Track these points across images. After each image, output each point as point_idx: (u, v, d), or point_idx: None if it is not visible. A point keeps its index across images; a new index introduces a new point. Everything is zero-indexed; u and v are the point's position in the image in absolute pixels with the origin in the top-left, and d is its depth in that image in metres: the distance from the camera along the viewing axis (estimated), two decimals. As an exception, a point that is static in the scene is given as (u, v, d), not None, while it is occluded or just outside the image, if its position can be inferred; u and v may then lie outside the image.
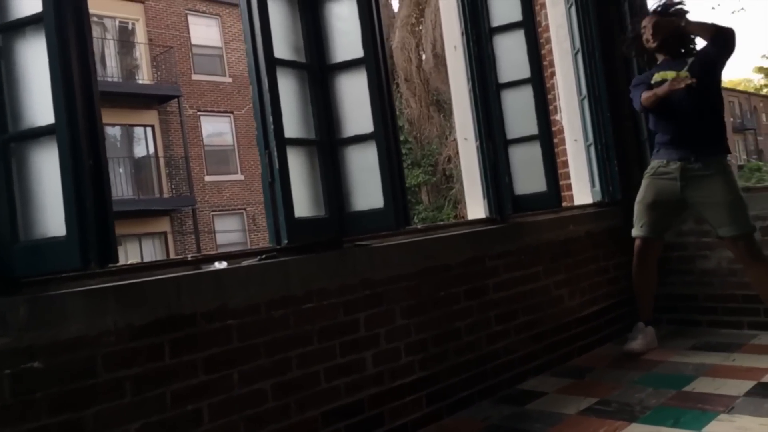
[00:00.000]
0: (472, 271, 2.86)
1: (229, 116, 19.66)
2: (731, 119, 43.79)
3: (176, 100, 17.96)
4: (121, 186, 17.10)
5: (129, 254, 16.71)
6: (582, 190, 4.02)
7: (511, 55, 3.19)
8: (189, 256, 2.05)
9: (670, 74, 3.12)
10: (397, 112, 16.08)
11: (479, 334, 2.85)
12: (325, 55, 2.43)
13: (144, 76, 18.22)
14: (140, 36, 18.38)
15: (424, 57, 14.78)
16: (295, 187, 2.25)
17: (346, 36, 2.41)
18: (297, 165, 2.31)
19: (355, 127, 2.42)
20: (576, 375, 3.08)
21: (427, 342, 2.62)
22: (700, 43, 3.20)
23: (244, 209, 19.17)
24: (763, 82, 54.38)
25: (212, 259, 2.08)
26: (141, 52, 18.25)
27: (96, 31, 17.60)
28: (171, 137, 18.25)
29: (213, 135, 19.45)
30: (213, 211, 18.71)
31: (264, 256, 2.20)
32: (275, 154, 2.19)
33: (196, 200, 17.96)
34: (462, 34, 3.12)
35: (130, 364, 1.77)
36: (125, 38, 18.38)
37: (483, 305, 2.88)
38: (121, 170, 17.24)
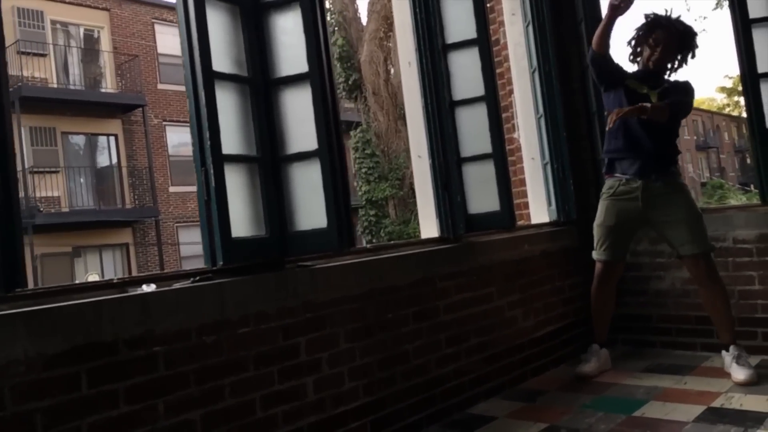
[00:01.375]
0: (422, 292, 2.78)
1: (196, 127, 19.34)
2: (695, 137, 44.81)
3: (141, 109, 17.64)
4: (82, 196, 16.71)
5: (89, 266, 16.31)
6: (539, 209, 3.99)
7: (465, 73, 3.15)
8: (114, 278, 1.94)
9: (643, 88, 3.10)
10: (365, 125, 16.11)
11: (428, 357, 2.78)
12: (269, 69, 2.35)
13: (108, 85, 17.89)
14: (105, 44, 18.06)
15: (392, 71, 14.80)
16: (233, 206, 2.17)
17: (290, 50, 2.34)
18: (236, 182, 2.22)
19: (299, 143, 2.34)
20: (527, 398, 3.02)
21: (373, 366, 2.54)
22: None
23: (210, 221, 18.85)
24: (725, 101, 55.81)
25: (140, 281, 1.97)
26: (105, 61, 17.92)
27: (60, 39, 17.28)
28: (135, 147, 17.91)
29: (179, 145, 19.16)
30: (177, 222, 18.38)
31: (198, 278, 2.09)
32: (211, 171, 2.11)
33: (159, 211, 17.62)
34: (416, 49, 3.06)
35: (42, 395, 1.65)
36: (90, 46, 18.05)
37: (433, 327, 2.81)
38: (82, 180, 16.86)
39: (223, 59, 2.23)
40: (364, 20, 16.12)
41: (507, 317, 3.23)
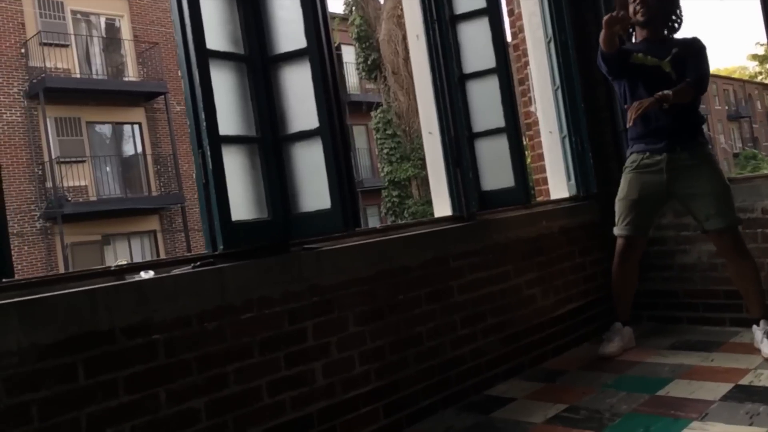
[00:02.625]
0: (434, 272, 2.71)
1: (218, 112, 19.39)
2: (726, 107, 43.70)
3: (163, 96, 17.72)
4: (109, 185, 16.89)
5: (118, 254, 16.53)
6: (558, 184, 3.86)
7: (475, 45, 3.04)
8: (113, 265, 1.89)
9: (651, 60, 2.97)
10: (386, 106, 15.94)
11: (443, 338, 2.71)
12: (267, 46, 2.27)
13: (130, 73, 17.99)
14: (125, 33, 18.13)
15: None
16: (233, 189, 2.10)
17: (288, 25, 2.25)
18: (236, 164, 2.16)
19: (300, 122, 2.26)
20: (548, 378, 2.94)
21: (385, 349, 2.47)
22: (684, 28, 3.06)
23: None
24: (757, 69, 54.27)
25: (139, 268, 1.92)
26: (127, 49, 18.01)
27: (81, 29, 17.39)
28: (159, 134, 18.03)
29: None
30: (203, 208, 18.49)
31: (198, 263, 2.04)
32: (208, 153, 2.04)
33: (185, 198, 17.75)
34: (423, 21, 2.96)
35: (37, 387, 1.61)
36: (111, 35, 18.13)
37: (446, 308, 2.74)
38: (108, 169, 17.04)
39: (218, 37, 2.15)
40: (381, -1, 15.96)
41: (525, 296, 3.14)
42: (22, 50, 15.80)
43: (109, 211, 16.00)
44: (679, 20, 3.09)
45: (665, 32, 3.06)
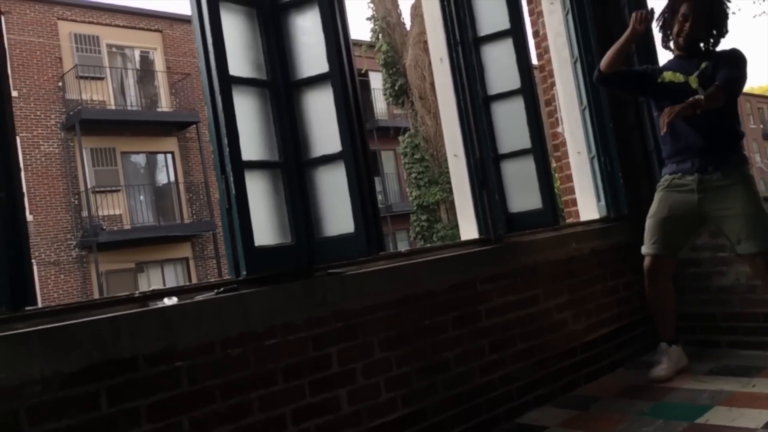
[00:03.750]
0: (461, 296, 2.66)
1: (248, 140, 19.66)
2: (761, 126, 42.83)
3: (195, 126, 18.05)
4: (143, 213, 17.18)
5: (152, 281, 16.74)
6: (588, 205, 3.79)
7: (500, 66, 3.01)
8: (137, 292, 1.89)
9: (679, 77, 2.91)
10: (413, 130, 15.98)
11: (471, 364, 2.65)
12: (290, 71, 2.28)
13: (163, 104, 18.38)
14: (158, 64, 18.57)
15: (438, 74, 14.67)
16: (256, 213, 2.10)
17: (310, 50, 2.26)
18: (259, 189, 2.16)
19: (323, 146, 2.26)
20: (581, 406, 2.85)
21: (411, 375, 2.42)
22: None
23: (265, 232, 19.09)
24: (792, 86, 53.16)
25: (162, 294, 1.92)
26: (160, 80, 18.43)
27: (117, 61, 17.86)
28: (191, 163, 18.34)
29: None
30: (234, 235, 18.67)
31: (222, 289, 2.03)
32: (231, 178, 2.04)
33: (216, 225, 17.96)
34: (446, 44, 2.95)
35: (59, 416, 1.61)
36: (145, 67, 18.60)
37: (474, 333, 2.68)
38: (142, 197, 17.35)
39: (241, 63, 2.17)
40: (407, 25, 16.05)
41: (555, 320, 3.06)
42: (60, 83, 16.28)
43: (143, 239, 16.25)
44: (721, 36, 3.00)
45: (701, 47, 2.99)
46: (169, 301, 1.90)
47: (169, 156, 18.32)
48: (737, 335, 3.38)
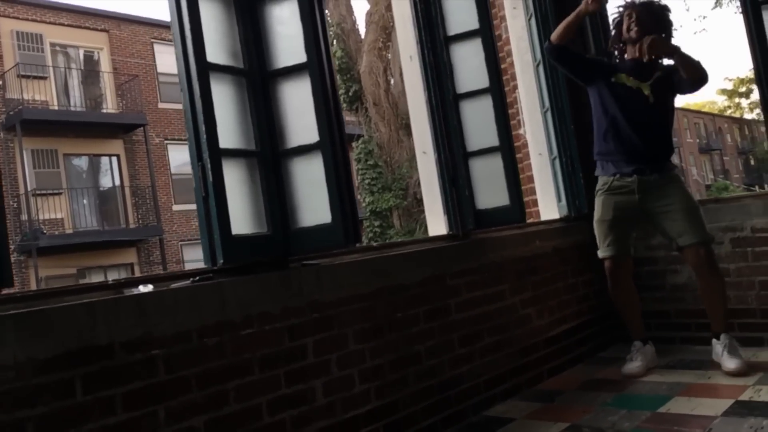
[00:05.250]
0: (432, 290, 2.68)
1: (197, 144, 19.32)
2: (697, 140, 44.68)
3: (142, 128, 17.63)
4: (86, 217, 16.65)
5: (94, 287, 16.17)
6: (548, 206, 3.88)
7: (469, 65, 3.06)
8: (110, 280, 1.84)
9: (631, 81, 3.03)
10: (367, 137, 16.04)
11: (441, 357, 2.67)
12: (266, 61, 2.26)
13: (109, 105, 17.90)
14: (105, 65, 18.09)
15: (392, 81, 14.75)
16: (232, 202, 2.07)
17: (287, 40, 2.25)
18: (235, 178, 2.13)
19: (299, 137, 2.24)
20: (546, 398, 2.90)
21: (384, 368, 2.43)
22: None
23: (214, 238, 18.75)
24: (726, 103, 55.69)
25: (137, 282, 1.87)
26: (105, 81, 17.94)
27: (60, 61, 17.31)
28: (137, 166, 17.88)
29: (181, 164, 19.12)
30: (181, 240, 18.30)
31: (198, 278, 2.00)
32: (209, 166, 2.01)
33: (163, 230, 17.55)
34: (417, 42, 2.98)
35: (33, 403, 1.54)
36: (90, 67, 18.08)
37: (445, 327, 2.70)
38: (85, 201, 16.81)
39: (217, 51, 2.14)
40: (362, 31, 16.13)
41: (521, 315, 3.12)
42: (0, 82, 15.66)
43: (86, 244, 15.73)
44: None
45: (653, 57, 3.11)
46: (145, 289, 1.85)
47: (114, 159, 17.83)
48: (690, 331, 3.50)
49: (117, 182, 17.66)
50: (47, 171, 15.99)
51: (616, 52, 3.24)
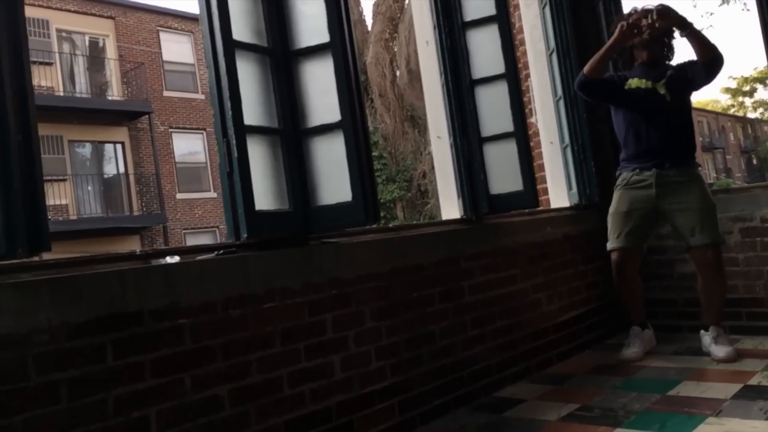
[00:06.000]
0: (447, 272, 2.71)
1: (202, 133, 19.41)
2: (700, 138, 44.65)
3: (147, 116, 17.66)
4: (90, 204, 16.70)
5: (97, 274, 16.23)
6: (559, 195, 3.91)
7: (484, 51, 3.08)
8: (137, 250, 1.87)
9: (645, 83, 3.04)
10: (372, 128, 16.02)
11: (455, 338, 2.71)
12: (289, 40, 2.29)
13: (114, 93, 17.92)
14: (110, 52, 18.10)
15: (398, 73, 14.76)
16: (256, 179, 2.10)
17: (311, 20, 2.28)
18: (258, 154, 2.16)
19: (320, 116, 2.27)
20: (555, 382, 2.95)
21: (400, 346, 2.47)
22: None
23: (217, 227, 18.87)
24: (729, 102, 55.60)
25: (163, 253, 1.91)
26: (111, 69, 17.96)
27: (65, 47, 17.32)
28: (142, 154, 17.93)
29: (185, 152, 19.17)
30: (185, 229, 18.36)
31: (222, 251, 2.03)
32: (234, 141, 2.04)
33: (167, 218, 17.61)
34: (434, 27, 3.01)
35: (66, 366, 1.58)
36: (95, 54, 18.09)
37: (458, 308, 2.74)
38: (89, 188, 16.86)
39: (242, 29, 2.17)
40: (369, 22, 16.13)
41: (532, 300, 3.15)
42: (6, 67, 15.66)
43: (90, 230, 15.79)
44: (672, 48, 3.18)
45: (664, 54, 3.14)
46: (171, 260, 1.89)
47: (119, 146, 17.87)
48: (697, 320, 3.51)
49: (121, 170, 17.70)
50: (52, 157, 16.02)
51: (620, 62, 3.25)
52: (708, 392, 2.54)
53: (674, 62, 3.17)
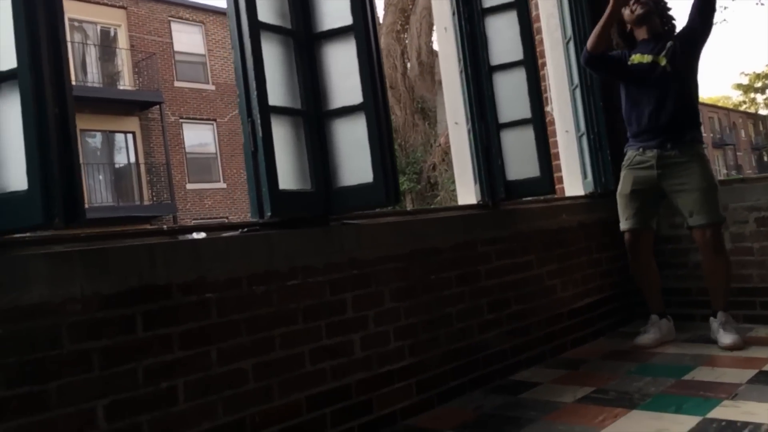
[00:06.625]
0: (464, 255, 2.74)
1: (212, 124, 19.47)
2: (711, 134, 44.41)
3: (158, 106, 17.74)
4: (101, 193, 16.81)
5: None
6: (573, 183, 3.93)
7: (503, 37, 3.09)
8: (165, 226, 1.91)
9: (647, 58, 3.07)
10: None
11: (471, 321, 2.73)
12: (312, 23, 2.32)
13: (125, 82, 18.00)
14: (122, 42, 18.17)
15: (409, 65, 14.74)
16: (279, 158, 2.13)
17: (334, 2, 2.30)
18: (282, 135, 2.19)
19: (342, 98, 2.30)
20: (570, 366, 2.97)
21: (418, 327, 2.50)
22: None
23: (226, 218, 18.96)
24: (741, 98, 55.27)
25: (190, 230, 1.94)
26: (123, 58, 18.03)
27: (77, 37, 17.39)
28: (152, 144, 18.02)
29: (195, 143, 19.24)
30: (194, 219, 18.45)
31: (246, 229, 2.06)
32: (258, 121, 2.07)
33: (177, 208, 17.70)
34: (453, 13, 3.02)
35: (98, 335, 1.62)
36: (107, 44, 18.16)
37: (475, 292, 2.77)
38: (101, 177, 16.96)
39: (267, 11, 2.19)
40: (380, 14, 16.10)
41: (546, 286, 3.17)
42: (18, 56, 15.75)
43: (101, 219, 15.89)
44: (672, 19, 3.20)
45: (664, 28, 3.16)
46: (198, 236, 1.92)
47: (129, 136, 17.95)
48: (711, 308, 3.55)
49: (132, 159, 17.80)
50: (63, 146, 16.08)
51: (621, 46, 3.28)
52: (723, 377, 2.55)
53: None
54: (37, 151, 1.44)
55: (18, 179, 1.48)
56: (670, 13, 3.19)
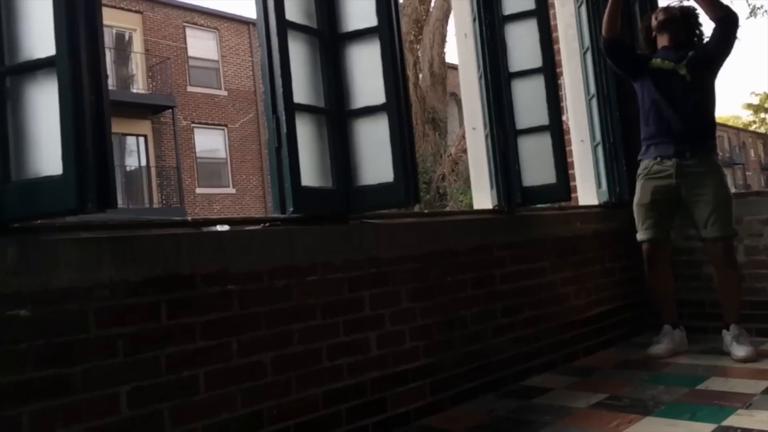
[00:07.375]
0: (479, 259, 2.75)
1: (223, 129, 19.58)
2: (720, 154, 44.28)
3: (170, 110, 17.85)
4: (111, 195, 16.87)
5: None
6: (588, 193, 3.93)
7: (522, 45, 3.12)
8: (189, 218, 1.93)
9: (666, 64, 3.09)
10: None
11: (485, 325, 2.74)
12: (338, 23, 2.35)
13: (139, 86, 18.14)
14: (137, 46, 18.33)
15: (420, 76, 14.77)
16: (302, 155, 2.16)
17: (359, 4, 2.33)
18: (305, 132, 2.22)
19: (365, 98, 2.32)
20: (583, 374, 2.97)
21: (433, 328, 2.51)
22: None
23: (235, 223, 18.95)
24: (751, 118, 55.11)
25: (214, 222, 1.96)
26: (137, 62, 18.18)
27: (93, 40, 17.52)
28: (163, 148, 18.12)
29: (206, 148, 19.34)
30: (203, 223, 18.49)
31: (268, 224, 2.09)
32: (283, 118, 2.10)
33: (186, 212, 17.76)
34: (474, 19, 3.06)
35: (124, 321, 1.64)
36: (122, 47, 18.32)
37: (489, 295, 2.78)
38: (111, 179, 17.03)
39: (294, 10, 2.23)
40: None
41: (560, 293, 3.18)
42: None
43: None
44: (700, 34, 3.22)
45: (686, 39, 3.18)
46: (222, 228, 1.94)
47: (141, 139, 18.07)
48: (723, 321, 3.54)
49: (143, 162, 17.90)
50: (76, 147, 16.20)
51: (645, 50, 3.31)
52: (737, 387, 2.55)
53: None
54: (72, 137, 1.47)
55: (53, 164, 1.50)
56: (701, 28, 3.20)
